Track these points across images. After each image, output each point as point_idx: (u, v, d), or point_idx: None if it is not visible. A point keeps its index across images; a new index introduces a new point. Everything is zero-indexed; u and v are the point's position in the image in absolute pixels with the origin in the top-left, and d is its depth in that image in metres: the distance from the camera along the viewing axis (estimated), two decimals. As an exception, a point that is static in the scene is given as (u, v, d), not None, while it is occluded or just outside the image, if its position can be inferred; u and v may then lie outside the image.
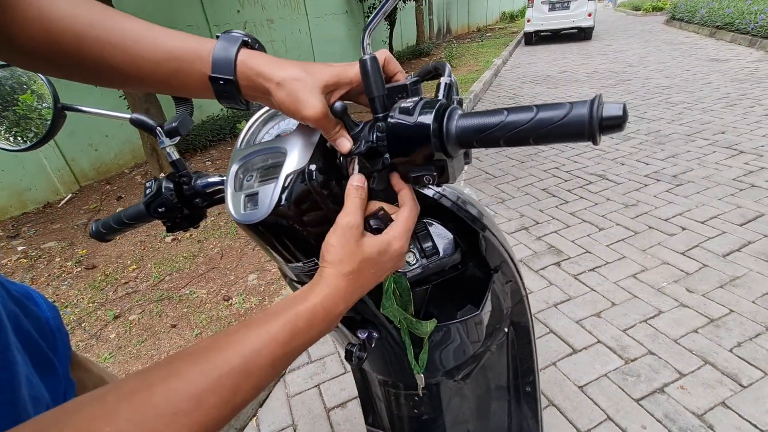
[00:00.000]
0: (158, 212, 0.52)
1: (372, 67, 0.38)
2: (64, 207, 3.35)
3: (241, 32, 0.39)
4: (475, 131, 0.35)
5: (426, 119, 0.35)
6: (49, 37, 0.36)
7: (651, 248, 2.05)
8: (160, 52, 0.37)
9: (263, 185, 0.42)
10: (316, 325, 0.34)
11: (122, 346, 1.80)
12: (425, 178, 0.38)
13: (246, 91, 0.39)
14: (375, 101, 0.39)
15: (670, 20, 11.57)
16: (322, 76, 0.37)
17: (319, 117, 0.37)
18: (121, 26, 0.37)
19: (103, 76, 0.39)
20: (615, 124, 0.29)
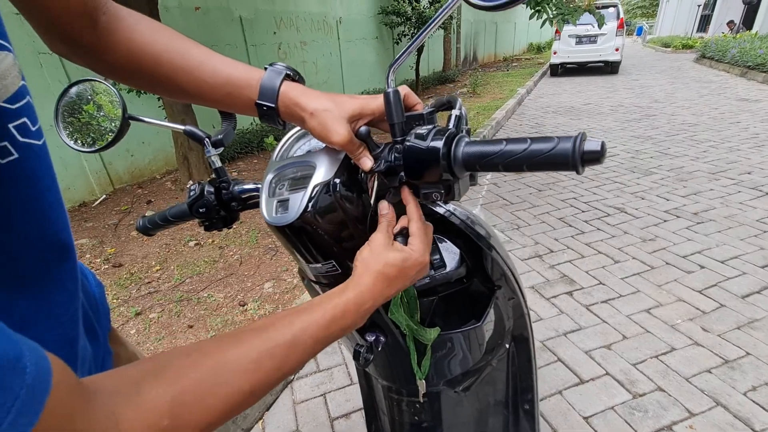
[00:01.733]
0: (199, 212, 0.60)
1: (394, 99, 0.45)
2: (98, 207, 3.54)
3: (285, 66, 0.47)
4: (478, 157, 0.41)
5: (437, 144, 0.41)
6: (132, 58, 0.46)
7: (667, 284, 2.02)
8: (218, 77, 0.46)
9: (293, 193, 0.48)
10: (349, 316, 0.40)
11: (141, 342, 1.89)
12: (434, 195, 0.44)
13: (284, 116, 0.47)
14: (395, 127, 0.45)
15: (700, 58, 11.51)
16: (348, 107, 0.45)
17: (345, 143, 0.45)
18: (189, 53, 0.46)
19: (170, 91, 0.48)
20: (594, 157, 0.35)
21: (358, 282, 0.42)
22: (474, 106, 6.66)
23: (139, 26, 0.46)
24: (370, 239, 0.46)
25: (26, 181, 0.33)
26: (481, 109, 6.29)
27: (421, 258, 0.45)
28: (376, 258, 0.43)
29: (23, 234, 0.34)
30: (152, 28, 0.47)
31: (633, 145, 4.31)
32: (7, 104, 0.30)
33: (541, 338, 1.72)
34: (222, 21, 4.77)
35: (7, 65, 0.29)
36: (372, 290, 0.42)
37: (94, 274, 0.59)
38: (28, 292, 0.35)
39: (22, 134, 0.32)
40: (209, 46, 0.47)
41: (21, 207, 0.33)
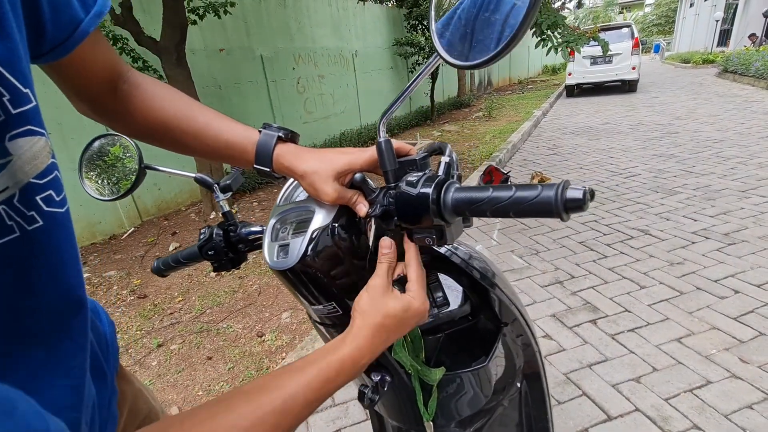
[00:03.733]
0: (208, 255, 0.63)
1: (386, 147, 0.47)
2: (126, 239, 3.70)
3: (277, 127, 0.51)
4: (467, 203, 0.42)
5: (426, 191, 0.43)
6: (146, 122, 0.51)
7: (699, 311, 1.92)
8: (219, 142, 0.51)
9: (294, 237, 0.50)
10: (344, 373, 0.40)
11: (162, 374, 1.92)
12: (426, 239, 0.45)
13: (280, 173, 0.51)
14: (388, 174, 0.47)
15: (722, 73, 11.28)
16: (336, 165, 0.48)
17: (333, 201, 0.48)
18: (195, 120, 0.51)
19: (182, 150, 0.54)
20: (576, 206, 0.35)
21: (356, 335, 0.42)
22: (490, 129, 6.69)
23: (155, 94, 0.51)
24: (368, 285, 0.46)
25: (49, 245, 0.36)
26: (497, 132, 6.31)
27: (422, 306, 0.45)
28: (375, 308, 0.43)
29: (43, 295, 0.36)
30: (166, 95, 0.52)
31: (655, 164, 4.21)
32: (36, 179, 0.34)
33: (565, 370, 1.65)
34: (244, 60, 5.05)
35: (39, 148, 0.33)
36: (371, 344, 0.42)
37: (106, 312, 0.62)
38: (41, 345, 0.37)
39: (47, 204, 0.35)
40: (232, 83, 0.53)
41: (44, 270, 0.36)
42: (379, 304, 0.44)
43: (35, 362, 0.36)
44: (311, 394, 0.38)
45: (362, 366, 0.42)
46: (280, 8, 5.62)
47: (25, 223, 0.32)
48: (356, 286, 0.54)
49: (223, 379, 1.83)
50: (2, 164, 0.30)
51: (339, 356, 0.40)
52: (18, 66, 0.31)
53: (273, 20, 5.49)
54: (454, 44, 0.40)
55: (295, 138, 0.52)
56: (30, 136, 0.32)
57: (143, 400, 0.59)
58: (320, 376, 0.39)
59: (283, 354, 1.94)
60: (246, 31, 5.09)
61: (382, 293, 0.44)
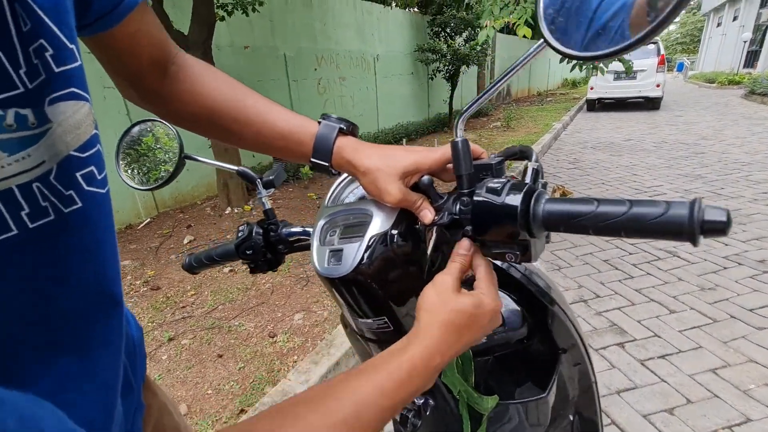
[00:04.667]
0: (246, 254, 0.58)
1: (463, 148, 0.41)
2: (142, 230, 3.70)
3: (337, 118, 0.46)
4: (563, 217, 0.36)
5: (513, 200, 0.37)
6: (195, 107, 0.46)
7: (734, 341, 1.82)
8: (275, 131, 0.46)
9: (347, 243, 0.45)
10: (416, 376, 0.35)
11: (171, 369, 1.88)
12: (507, 255, 0.40)
13: (338, 169, 0.46)
14: (462, 178, 0.42)
15: (749, 94, 11.01)
16: (401, 164, 0.43)
17: (397, 203, 0.42)
18: (249, 106, 0.46)
19: (230, 140, 0.49)
20: (717, 228, 0.29)
21: (424, 334, 0.37)
22: (508, 140, 6.61)
23: (204, 77, 0.47)
24: (434, 281, 0.40)
25: (87, 231, 0.31)
26: (515, 143, 6.21)
27: (494, 304, 0.40)
28: (444, 303, 0.38)
29: (77, 287, 0.32)
30: (216, 79, 0.48)
31: (681, 184, 4.08)
32: (78, 152, 0.29)
33: (591, 395, 1.56)
34: (268, 58, 5.07)
35: (82, 115, 0.29)
36: (440, 343, 0.37)
37: (134, 316, 0.58)
38: (70, 351, 0.32)
39: (88, 183, 0.31)
40: (255, 80, 0.49)
41: (79, 258, 0.31)
42: (448, 299, 0.38)
43: (66, 371, 0.31)
44: (385, 400, 0.32)
45: (435, 369, 0.36)
46: (306, 9, 5.64)
47: (61, 205, 0.28)
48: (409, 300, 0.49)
49: (233, 378, 1.79)
50: (39, 133, 0.25)
51: (408, 356, 0.35)
52: (65, 17, 0.26)
53: (298, 20, 5.52)
54: (568, 30, 0.34)
55: (356, 131, 0.47)
56: (74, 100, 0.27)
57: (168, 416, 0.54)
58: (392, 378, 0.33)
59: (294, 357, 1.89)
60: (271, 30, 5.11)
61: (451, 289, 0.39)
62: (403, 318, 0.49)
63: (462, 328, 0.38)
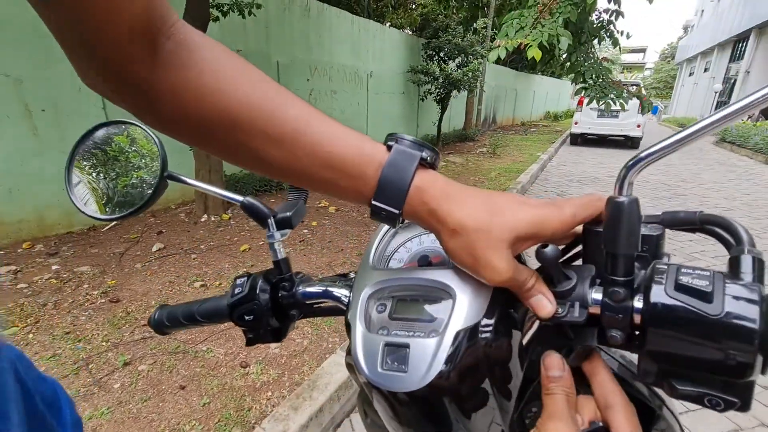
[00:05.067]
0: (244, 319, 0.41)
1: (630, 213, 0.27)
2: (107, 233, 3.40)
3: (413, 141, 0.31)
4: None
5: (747, 313, 0.22)
6: (200, 110, 0.29)
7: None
8: (319, 157, 0.30)
9: (415, 337, 0.30)
10: None
11: (123, 401, 1.63)
12: (709, 399, 0.25)
13: (409, 218, 0.30)
14: (618, 260, 0.27)
15: (720, 141, 11.61)
16: (514, 225, 0.28)
17: (504, 282, 0.28)
18: (284, 116, 0.29)
19: (246, 162, 0.31)
20: None
21: None
22: (495, 166, 6.63)
23: (219, 64, 0.30)
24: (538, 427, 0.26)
25: None
26: (502, 170, 6.24)
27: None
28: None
29: None
30: (237, 68, 0.30)
31: (666, 224, 4.13)
32: None
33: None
34: (260, 64, 4.86)
35: None
36: None
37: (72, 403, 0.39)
38: None
39: None
40: None
41: None
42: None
43: None
44: None
45: None
46: (303, 19, 5.56)
47: None
48: (481, 410, 0.33)
49: (195, 416, 1.56)
50: None
51: None
52: None
53: (294, 30, 5.42)
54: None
55: (437, 162, 0.32)
56: None
57: None
58: None
59: (268, 392, 1.68)
60: (266, 36, 4.99)
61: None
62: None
63: None
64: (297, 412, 1.36)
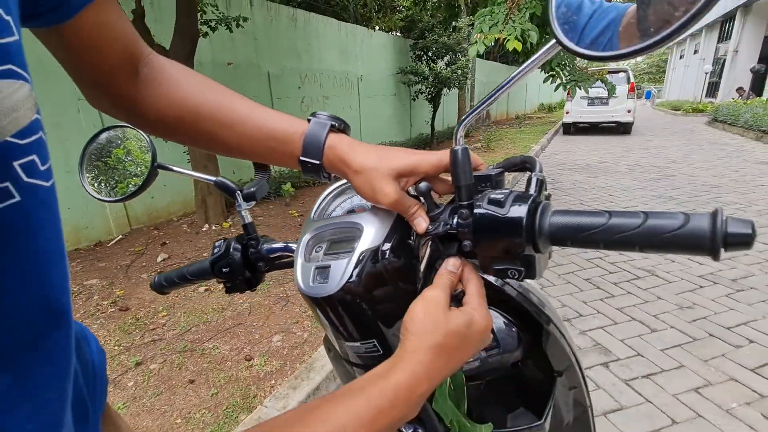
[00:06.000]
0: (222, 272, 0.53)
1: (463, 157, 0.39)
2: (113, 247, 3.53)
3: (327, 115, 0.43)
4: (572, 230, 0.34)
5: (518, 212, 0.35)
6: (173, 112, 0.42)
7: (714, 359, 1.83)
8: (261, 132, 0.42)
9: (335, 259, 0.41)
10: (399, 405, 0.31)
11: (137, 396, 1.75)
12: (510, 272, 0.37)
13: (329, 170, 0.42)
14: (461, 189, 0.39)
15: (712, 121, 11.68)
16: (397, 164, 0.40)
17: (392, 203, 0.39)
18: (232, 107, 0.43)
19: (210, 146, 0.45)
20: (742, 242, 0.27)
21: (410, 358, 0.33)
22: (488, 160, 6.74)
23: (182, 79, 0.43)
24: (423, 296, 0.37)
25: (27, 231, 0.26)
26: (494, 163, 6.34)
27: (485, 321, 0.37)
28: (434, 324, 0.35)
29: (14, 296, 0.27)
30: (195, 80, 0.44)
31: (655, 205, 4.22)
32: (16, 139, 0.25)
33: (578, 417, 1.53)
34: (251, 76, 5.06)
35: (21, 96, 0.25)
36: (429, 369, 0.34)
37: (95, 338, 0.52)
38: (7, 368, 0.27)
39: (28, 174, 0.26)
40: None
41: (16, 263, 0.26)
42: (439, 319, 0.35)
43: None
44: (362, 430, 0.29)
45: (419, 397, 0.33)
46: (291, 29, 5.71)
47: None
48: (400, 321, 0.45)
49: (205, 405, 1.68)
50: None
51: (392, 383, 0.32)
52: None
53: (282, 39, 5.56)
54: (582, 29, 0.32)
55: (347, 130, 0.44)
56: (10, 78, 0.24)
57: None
58: (372, 406, 0.30)
59: (272, 381, 1.79)
60: (255, 48, 5.13)
61: (441, 307, 0.36)
62: (393, 340, 0.45)
63: (452, 351, 0.35)
64: (296, 391, 1.48)
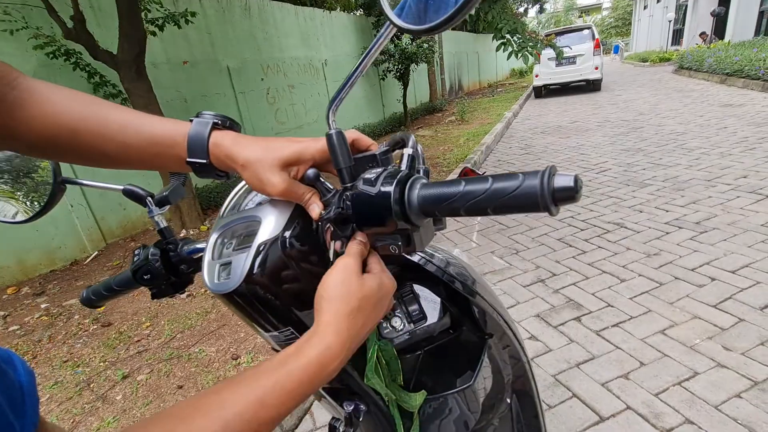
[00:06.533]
0: (144, 279, 0.54)
1: (338, 140, 0.40)
2: (90, 264, 3.48)
3: (212, 114, 0.43)
4: (435, 201, 0.35)
5: (387, 189, 0.36)
6: (48, 131, 0.41)
7: (679, 301, 1.92)
8: (142, 138, 0.42)
9: (237, 254, 0.42)
10: (308, 383, 0.32)
11: (127, 408, 1.76)
12: (391, 247, 0.38)
13: (220, 167, 0.42)
14: (342, 172, 0.40)
15: (678, 69, 11.84)
16: (281, 153, 0.40)
17: (281, 193, 0.40)
18: (108, 118, 0.42)
19: (95, 160, 0.44)
20: (567, 195, 0.29)
21: (325, 330, 0.34)
22: (463, 132, 6.74)
23: (53, 97, 0.42)
24: (336, 265, 0.38)
25: None
26: (470, 135, 6.36)
27: (392, 283, 0.41)
28: (349, 289, 0.36)
29: None
30: (67, 97, 0.43)
31: (624, 159, 4.31)
32: None
33: (553, 371, 1.61)
34: (210, 72, 4.90)
35: None
36: (343, 340, 0.34)
37: (23, 361, 0.52)
38: None
39: None
40: (199, 96, 0.45)
41: None
42: (354, 284, 0.36)
43: None
44: (265, 413, 0.30)
45: (332, 372, 0.34)
46: (245, 19, 5.51)
47: None
48: None
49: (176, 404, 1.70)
50: None
51: (302, 363, 0.32)
52: None
53: (238, 31, 5.38)
54: (409, 7, 0.33)
55: (235, 126, 0.44)
56: None
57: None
58: (278, 388, 0.31)
59: (260, 377, 1.82)
60: (210, 43, 4.95)
61: (356, 272, 0.37)
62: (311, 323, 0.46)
63: (367, 315, 0.37)
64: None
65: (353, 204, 0.38)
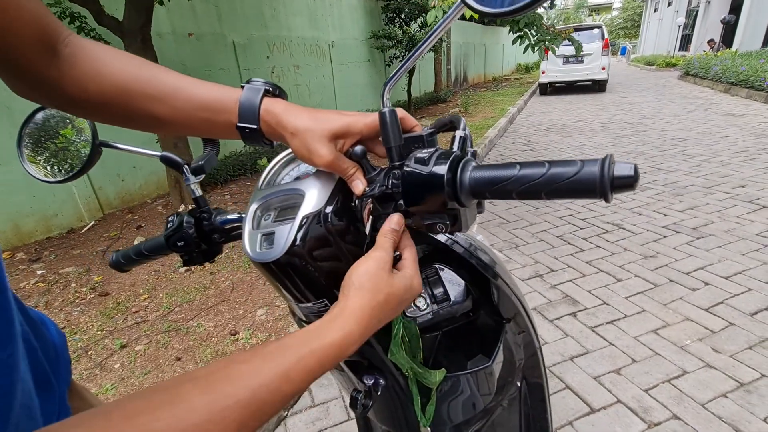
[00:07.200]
0: (177, 246, 0.54)
1: (390, 119, 0.40)
2: (86, 233, 3.45)
3: (263, 81, 0.43)
4: (488, 183, 0.36)
5: (440, 169, 0.37)
6: (100, 91, 0.41)
7: (672, 302, 1.97)
8: (194, 103, 0.42)
9: (280, 225, 0.43)
10: (327, 363, 0.33)
11: (125, 377, 1.78)
12: (438, 226, 0.39)
13: (269, 135, 0.43)
14: (392, 150, 0.41)
15: (684, 75, 11.83)
16: (331, 125, 0.41)
17: (327, 164, 0.41)
18: (161, 80, 0.42)
19: (145, 124, 0.44)
20: (626, 183, 0.30)
21: (348, 318, 0.35)
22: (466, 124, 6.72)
23: (106, 57, 0.42)
24: (369, 257, 0.39)
25: None
26: (473, 128, 6.34)
27: (419, 288, 0.41)
28: (379, 285, 0.37)
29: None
30: (120, 57, 0.43)
31: (626, 161, 4.33)
32: None
33: (548, 363, 1.65)
34: (215, 46, 4.82)
35: None
36: (364, 329, 0.35)
37: (54, 323, 0.53)
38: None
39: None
40: (203, 71, 0.45)
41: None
42: (382, 280, 0.37)
43: None
44: (288, 387, 0.30)
45: (348, 354, 0.35)
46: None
47: None
48: None
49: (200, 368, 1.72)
50: None
51: (326, 343, 0.33)
52: None
53: (246, 6, 5.27)
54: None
55: (284, 95, 0.45)
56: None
57: None
58: (300, 365, 0.31)
59: (258, 353, 1.84)
60: (217, 16, 4.85)
61: (387, 269, 0.38)
62: None
63: (389, 312, 0.37)
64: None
65: (404, 182, 0.39)
